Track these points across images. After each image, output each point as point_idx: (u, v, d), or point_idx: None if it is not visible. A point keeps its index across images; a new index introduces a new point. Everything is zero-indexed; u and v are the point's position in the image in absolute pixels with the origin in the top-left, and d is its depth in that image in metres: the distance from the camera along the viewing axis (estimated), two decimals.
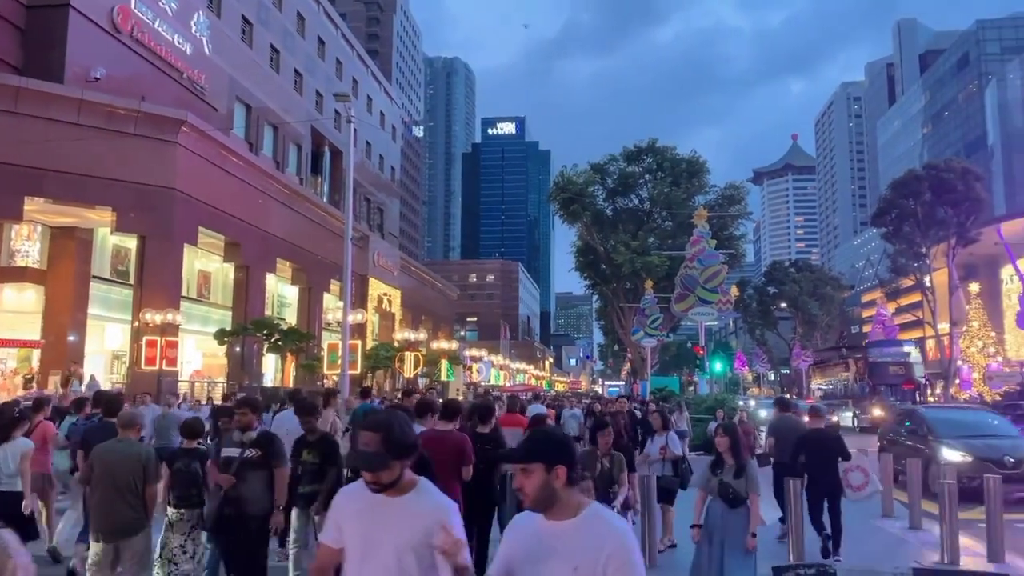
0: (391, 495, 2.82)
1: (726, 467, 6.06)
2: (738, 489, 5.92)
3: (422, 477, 2.94)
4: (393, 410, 4.83)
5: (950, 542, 8.02)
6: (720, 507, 5.97)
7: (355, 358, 23.74)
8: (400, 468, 2.82)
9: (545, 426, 6.09)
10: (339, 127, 51.53)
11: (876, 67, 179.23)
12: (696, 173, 47.96)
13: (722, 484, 5.99)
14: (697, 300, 26.58)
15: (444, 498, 2.89)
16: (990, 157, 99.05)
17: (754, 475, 6.03)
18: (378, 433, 2.79)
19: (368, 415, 4.03)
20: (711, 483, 6.08)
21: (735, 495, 5.91)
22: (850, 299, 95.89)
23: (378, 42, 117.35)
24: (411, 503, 2.82)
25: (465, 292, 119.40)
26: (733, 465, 6.04)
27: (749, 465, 6.11)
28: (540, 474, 2.53)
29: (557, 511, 2.55)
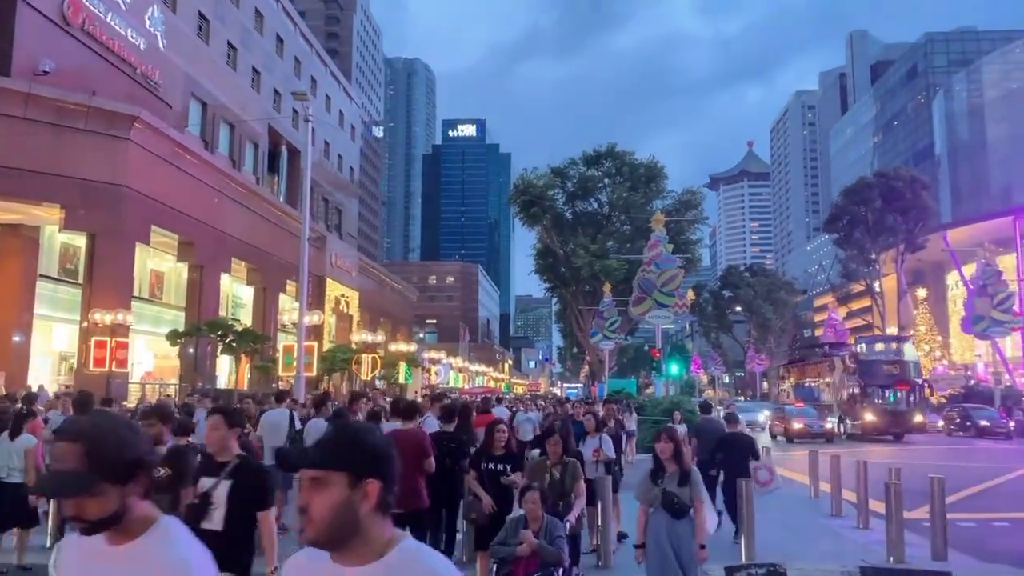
0: (112, 541, 1.82)
1: (667, 475, 5.56)
2: (683, 498, 5.46)
3: (168, 516, 1.92)
4: (106, 413, 3.82)
5: (896, 541, 8.23)
6: (664, 519, 5.46)
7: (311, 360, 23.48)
8: (120, 497, 1.80)
9: (357, 422, 4.14)
10: (297, 126, 50.92)
11: (829, 76, 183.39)
12: (654, 178, 48.51)
13: (665, 494, 5.47)
14: (654, 303, 26.88)
15: (189, 549, 1.84)
16: (937, 166, 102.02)
17: (698, 481, 5.58)
18: (78, 443, 1.80)
19: None
20: (652, 493, 5.53)
21: (680, 505, 5.45)
22: (803, 303, 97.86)
23: (337, 41, 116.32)
24: (136, 556, 1.80)
25: (424, 294, 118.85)
26: (676, 472, 5.55)
27: (693, 472, 5.63)
28: (339, 489, 1.68)
29: (354, 551, 1.69)
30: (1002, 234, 57.03)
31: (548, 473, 6.23)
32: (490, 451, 6.70)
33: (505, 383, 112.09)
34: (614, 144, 49.55)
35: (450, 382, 68.92)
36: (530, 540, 5.10)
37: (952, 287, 68.53)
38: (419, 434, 7.18)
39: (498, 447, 6.64)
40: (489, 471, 6.54)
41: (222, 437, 4.36)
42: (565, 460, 6.33)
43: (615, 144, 49.53)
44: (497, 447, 6.64)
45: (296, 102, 38.98)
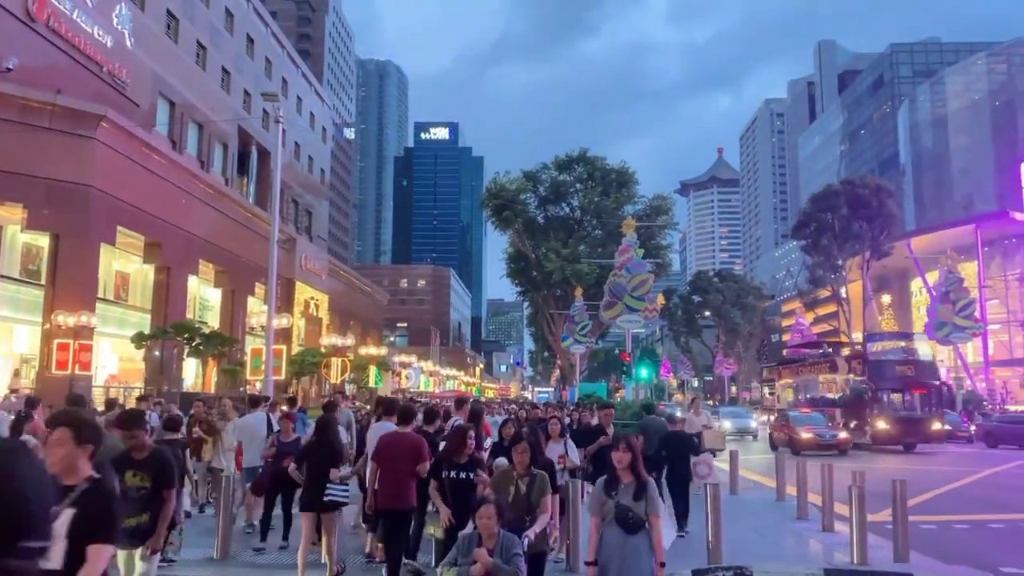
0: None
1: (622, 487, 5.07)
2: (638, 512, 5.00)
3: None
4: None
5: (859, 543, 8.36)
6: (618, 535, 5.01)
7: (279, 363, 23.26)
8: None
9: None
10: (267, 127, 50.46)
11: (798, 85, 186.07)
12: (625, 183, 48.86)
13: (620, 508, 5.00)
14: (625, 308, 26.98)
15: None
16: (902, 175, 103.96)
17: (655, 494, 5.10)
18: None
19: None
20: (606, 507, 5.05)
21: (635, 519, 4.98)
22: (770, 308, 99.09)
23: (309, 42, 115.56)
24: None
25: (395, 297, 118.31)
26: (632, 483, 5.07)
27: (649, 484, 5.12)
28: None
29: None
30: (964, 242, 58.33)
31: (514, 485, 5.68)
32: (453, 458, 6.29)
33: (476, 387, 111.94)
34: (586, 149, 49.88)
35: (420, 386, 68.65)
36: (484, 559, 4.73)
37: (916, 294, 69.89)
38: (416, 438, 7.32)
39: (464, 454, 6.27)
40: (451, 479, 6.17)
41: (68, 455, 3.35)
42: (533, 472, 5.74)
43: (587, 149, 49.87)
44: (463, 454, 6.27)
45: (266, 103, 38.64)
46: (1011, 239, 60.88)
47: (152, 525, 5.39)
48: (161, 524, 5.47)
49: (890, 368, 29.27)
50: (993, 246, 62.51)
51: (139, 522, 5.35)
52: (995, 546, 10.24)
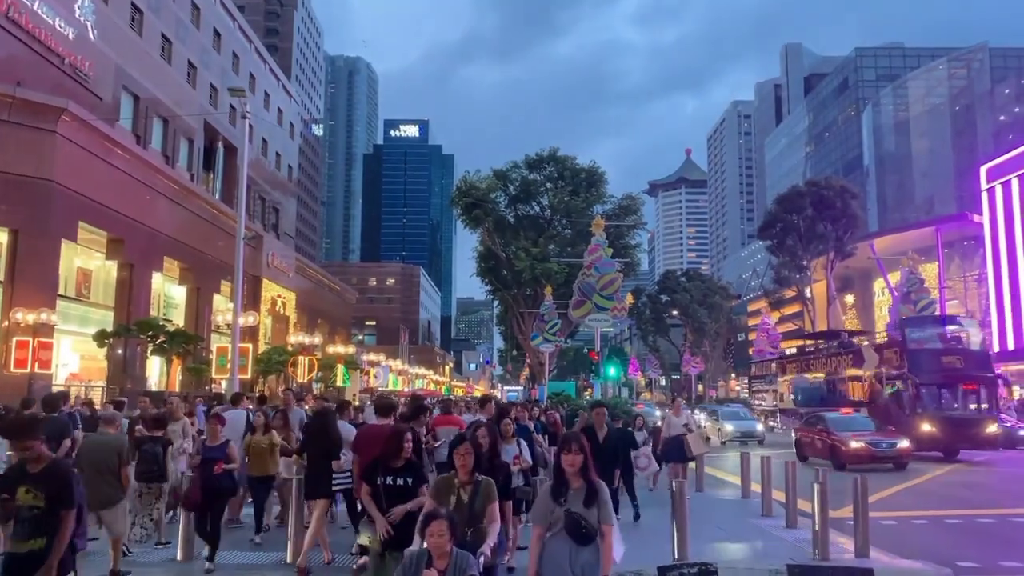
0: None
1: (571, 492, 4.54)
2: (591, 520, 4.48)
3: None
4: None
5: (821, 539, 8.51)
6: (567, 545, 4.48)
7: (245, 362, 23.02)
8: None
9: None
10: (234, 122, 49.83)
11: (765, 87, 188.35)
12: (595, 183, 49.07)
13: (570, 516, 4.46)
14: (594, 307, 27.10)
15: None
16: (865, 177, 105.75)
17: (608, 501, 4.60)
18: None
19: None
20: (554, 514, 4.51)
21: (587, 529, 4.46)
22: (737, 308, 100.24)
23: (277, 37, 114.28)
24: None
25: (364, 295, 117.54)
26: (582, 488, 4.53)
27: (602, 489, 4.58)
28: None
29: None
30: (925, 243, 59.54)
31: (455, 493, 4.99)
32: (389, 462, 5.62)
33: (445, 386, 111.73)
34: (556, 149, 50.01)
35: (389, 384, 68.34)
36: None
37: (878, 293, 71.17)
38: (388, 429, 7.40)
39: (400, 458, 5.62)
40: (386, 486, 5.53)
41: None
42: (477, 477, 5.04)
43: (557, 149, 50.00)
44: (399, 458, 5.62)
45: (233, 98, 38.18)
46: (970, 241, 62.28)
47: (48, 552, 4.55)
48: (54, 553, 4.55)
49: (934, 358, 24.42)
50: (953, 247, 63.89)
51: (32, 549, 4.57)
52: (955, 541, 10.48)
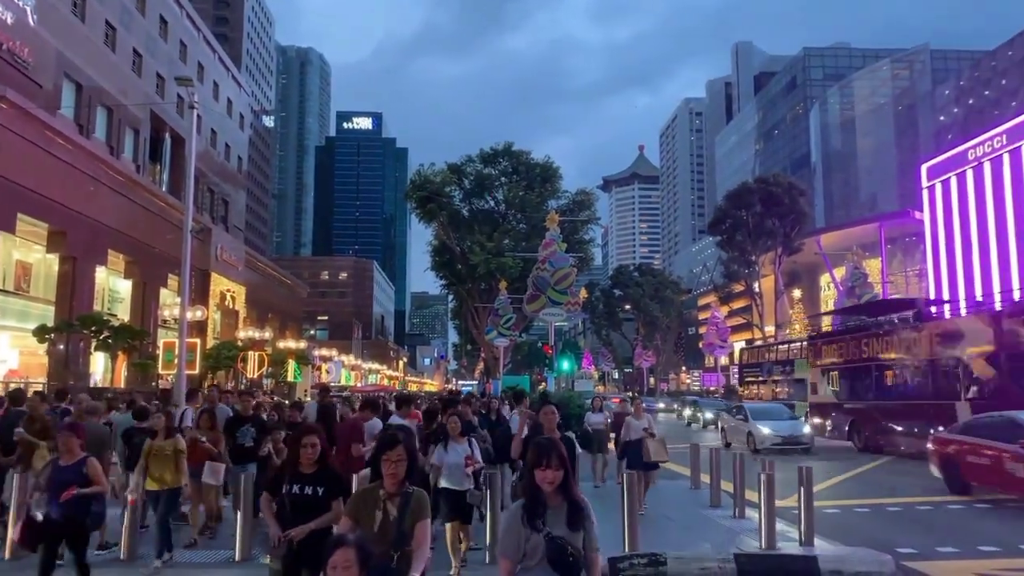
0: None
1: (551, 512, 3.50)
2: (576, 547, 3.49)
3: None
4: None
5: (767, 529, 8.70)
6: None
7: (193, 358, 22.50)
8: None
9: None
10: (182, 113, 48.73)
11: (716, 85, 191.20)
12: (549, 178, 49.28)
13: (552, 542, 3.44)
14: (548, 301, 27.26)
15: None
16: (813, 174, 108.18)
17: (595, 521, 3.59)
18: None
19: None
20: (531, 543, 3.45)
21: (574, 557, 3.47)
22: (688, 302, 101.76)
23: (227, 26, 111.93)
24: None
25: (316, 290, 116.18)
26: (562, 507, 3.53)
27: (587, 507, 3.58)
28: None
29: None
30: (869, 239, 61.23)
31: (380, 508, 3.99)
32: (296, 469, 4.86)
33: (399, 381, 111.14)
34: (511, 143, 50.09)
35: (342, 380, 67.71)
36: None
37: (824, 288, 72.95)
38: (352, 421, 8.98)
39: (307, 464, 4.83)
40: (292, 496, 4.78)
41: None
42: (408, 489, 4.02)
43: (512, 143, 50.09)
44: (306, 464, 4.83)
45: (180, 87, 37.29)
46: (911, 237, 64.19)
47: None
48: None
49: None
50: (895, 243, 65.80)
51: None
52: (890, 527, 10.83)
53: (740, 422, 24.36)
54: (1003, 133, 52.35)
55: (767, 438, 22.31)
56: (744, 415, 24.56)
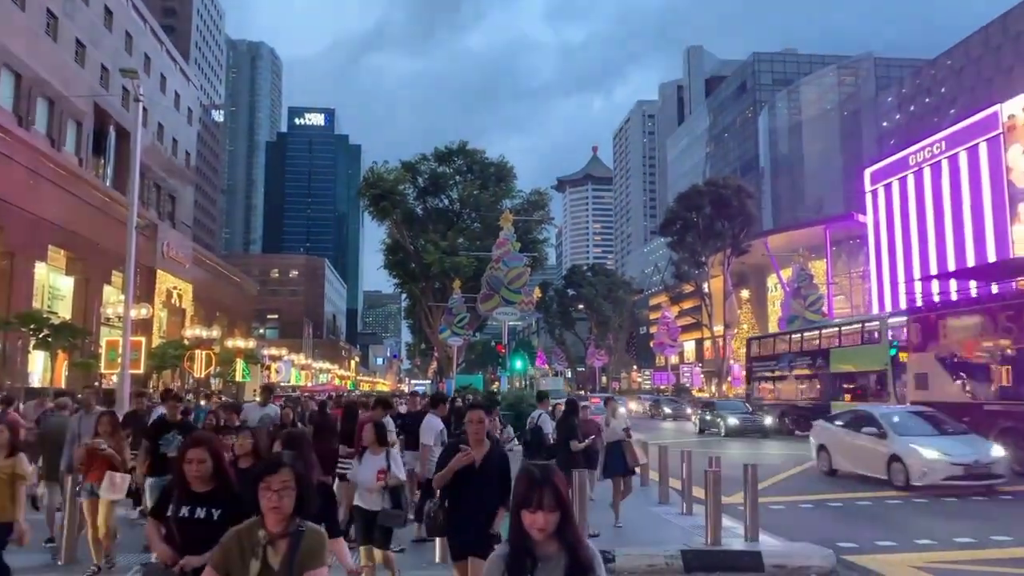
0: None
1: (542, 565, 2.64)
2: None
3: None
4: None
5: (713, 525, 8.86)
6: None
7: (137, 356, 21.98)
8: None
9: None
10: (127, 106, 47.47)
11: (668, 88, 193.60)
12: (504, 178, 49.36)
13: None
14: (501, 300, 27.35)
15: None
16: (761, 177, 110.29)
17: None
18: None
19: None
20: None
21: None
22: (639, 302, 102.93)
23: (175, 18, 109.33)
24: None
25: (266, 288, 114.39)
26: (559, 557, 2.65)
27: (594, 558, 2.70)
28: None
29: None
30: (814, 241, 62.72)
31: (259, 555, 3.05)
32: (186, 488, 3.91)
33: (351, 381, 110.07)
34: (466, 142, 50.02)
35: (292, 380, 66.79)
36: None
37: (772, 289, 74.47)
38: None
39: (197, 482, 3.89)
40: (181, 521, 3.87)
41: None
42: (299, 526, 3.10)
43: (467, 142, 50.02)
44: (195, 482, 3.89)
45: (126, 79, 36.35)
46: (855, 239, 65.94)
47: None
48: None
49: None
50: (840, 246, 67.50)
51: None
52: (836, 522, 11.13)
53: (868, 439, 15.46)
54: (942, 140, 54.13)
55: (935, 468, 13.70)
56: (878, 427, 15.38)
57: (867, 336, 27.24)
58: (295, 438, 5.13)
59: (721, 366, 61.12)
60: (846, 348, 28.29)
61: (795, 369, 31.55)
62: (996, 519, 11.30)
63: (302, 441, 5.01)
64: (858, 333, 28.31)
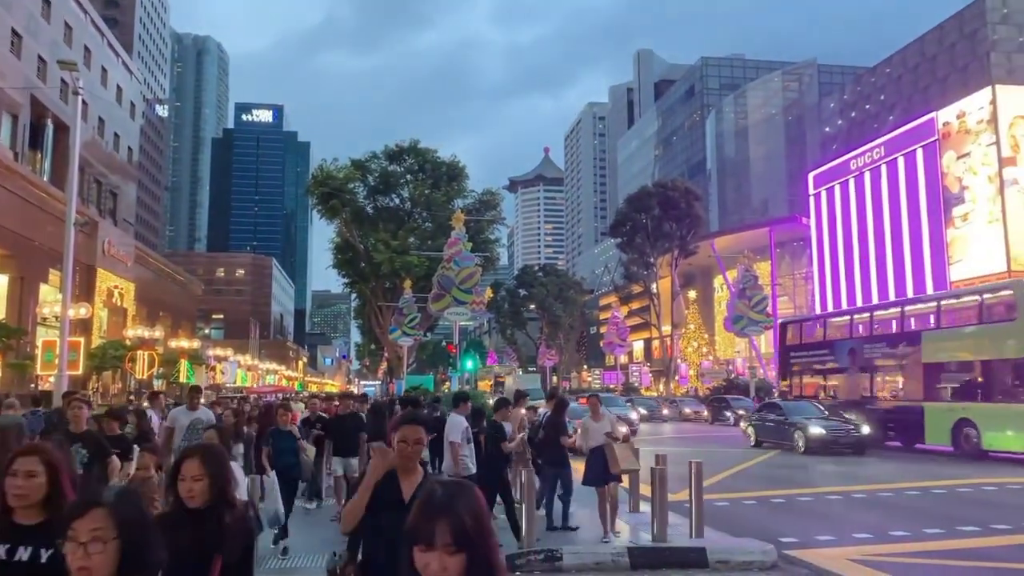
0: None
1: None
2: None
3: None
4: None
5: (659, 522, 8.98)
6: None
7: (76, 357, 21.34)
8: None
9: None
10: (66, 99, 45.96)
11: (618, 91, 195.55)
12: (456, 177, 49.22)
13: None
14: (453, 300, 27.25)
15: None
16: (708, 180, 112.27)
17: None
18: None
19: None
20: None
21: None
22: (590, 302, 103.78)
23: (117, 9, 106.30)
24: None
25: (211, 287, 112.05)
26: None
27: None
28: None
29: None
30: (759, 243, 64.11)
31: None
32: (8, 519, 2.65)
33: (298, 382, 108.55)
34: (417, 141, 49.72)
35: (237, 381, 65.58)
36: None
37: (718, 289, 75.88)
38: None
39: (22, 510, 2.66)
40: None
41: None
42: None
43: (418, 141, 49.73)
44: (19, 511, 2.66)
45: (64, 71, 35.24)
46: (799, 241, 67.60)
47: None
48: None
49: None
50: (784, 247, 69.12)
51: None
52: (778, 518, 11.39)
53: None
54: (881, 145, 55.85)
55: None
56: None
57: (989, 311, 20.33)
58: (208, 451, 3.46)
59: (669, 365, 62.02)
60: (952, 330, 21.68)
61: (863, 358, 24.65)
62: (931, 515, 11.71)
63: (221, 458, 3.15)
64: (974, 308, 21.07)
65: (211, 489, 2.89)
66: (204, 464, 2.92)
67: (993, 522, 10.57)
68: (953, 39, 71.15)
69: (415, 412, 3.18)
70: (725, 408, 39.42)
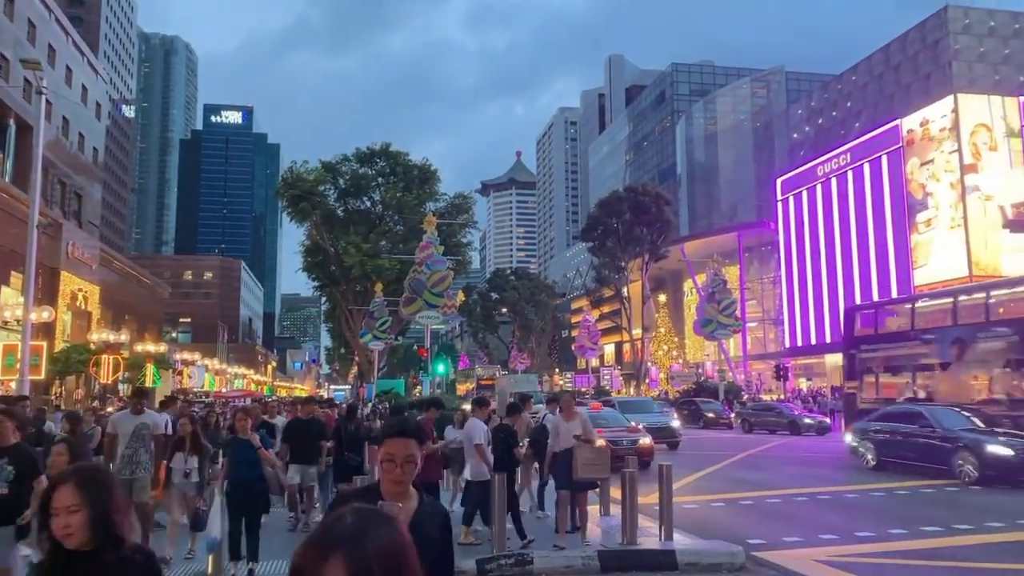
0: None
1: None
2: None
3: None
4: None
5: (630, 525, 9.03)
6: None
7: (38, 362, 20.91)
8: None
9: None
10: (29, 98, 45.08)
11: (590, 96, 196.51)
12: (428, 180, 49.14)
13: None
14: (424, 304, 27.22)
15: None
16: (678, 185, 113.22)
17: None
18: None
19: None
20: None
21: None
22: (561, 306, 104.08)
23: (83, 8, 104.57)
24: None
25: (179, 290, 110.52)
26: None
27: None
28: None
29: None
30: (728, 248, 64.86)
31: None
32: None
33: (267, 386, 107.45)
34: (388, 143, 49.62)
35: (205, 385, 64.73)
36: None
37: (688, 293, 76.57)
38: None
39: None
40: None
41: None
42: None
43: (389, 143, 49.64)
44: None
45: (27, 70, 34.56)
46: (767, 246, 68.47)
47: None
48: None
49: None
50: (752, 252, 69.96)
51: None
52: (747, 520, 11.51)
53: None
54: (847, 152, 56.81)
55: None
56: None
57: None
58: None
59: (639, 368, 62.40)
60: None
61: (975, 353, 18.98)
62: (894, 515, 11.90)
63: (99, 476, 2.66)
64: None
65: (91, 524, 2.25)
66: (80, 490, 2.27)
67: None
68: (916, 48, 72.60)
69: (404, 421, 2.42)
70: (694, 411, 39.62)
